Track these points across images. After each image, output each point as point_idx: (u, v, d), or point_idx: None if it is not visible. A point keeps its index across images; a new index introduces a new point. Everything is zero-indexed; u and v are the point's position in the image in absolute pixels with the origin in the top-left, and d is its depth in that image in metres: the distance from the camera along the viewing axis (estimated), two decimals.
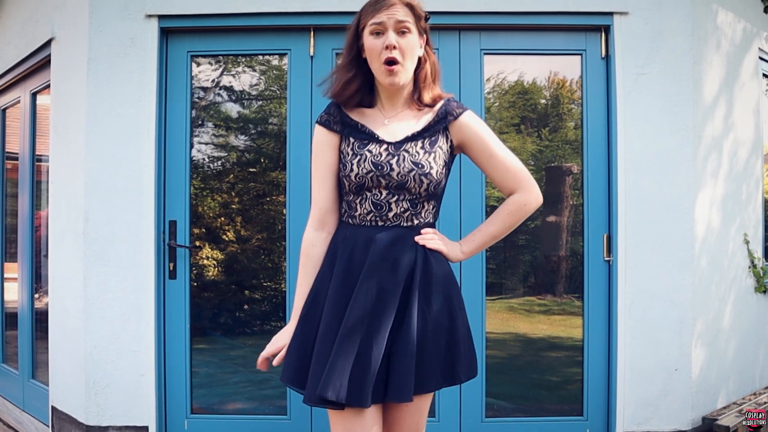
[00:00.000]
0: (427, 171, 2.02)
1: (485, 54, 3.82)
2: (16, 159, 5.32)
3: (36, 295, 4.93)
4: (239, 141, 4.23)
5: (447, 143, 2.09)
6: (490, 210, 3.87)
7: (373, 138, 2.06)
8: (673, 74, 3.70)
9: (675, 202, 3.69)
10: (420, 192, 2.03)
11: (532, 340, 4.22)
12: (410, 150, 2.04)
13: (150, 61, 3.76)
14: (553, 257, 4.14)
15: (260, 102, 4.20)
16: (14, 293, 5.25)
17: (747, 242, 4.25)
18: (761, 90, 4.58)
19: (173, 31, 3.85)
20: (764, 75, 4.64)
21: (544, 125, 4.14)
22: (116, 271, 3.76)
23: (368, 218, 2.05)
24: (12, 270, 5.36)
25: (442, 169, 2.07)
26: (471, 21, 3.76)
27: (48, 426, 4.40)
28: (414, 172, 2.01)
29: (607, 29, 3.77)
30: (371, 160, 2.02)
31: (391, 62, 1.99)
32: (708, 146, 3.86)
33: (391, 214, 2.04)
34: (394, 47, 1.98)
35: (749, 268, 4.29)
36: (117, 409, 3.80)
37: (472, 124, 2.10)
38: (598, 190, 3.80)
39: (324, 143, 2.10)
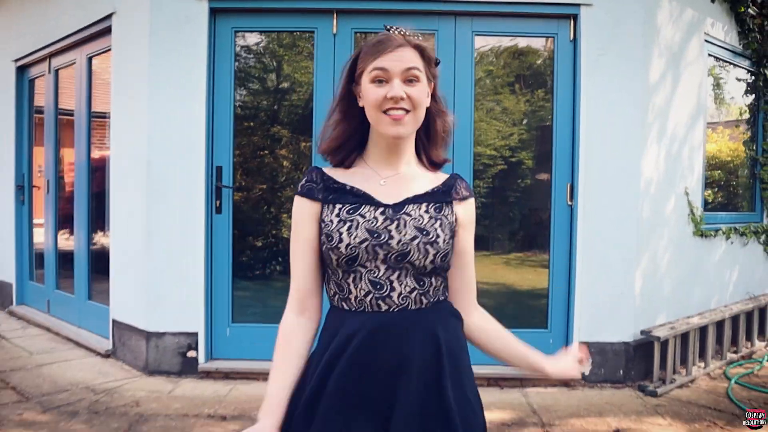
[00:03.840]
0: (433, 239, 1.66)
1: (476, 35, 4.69)
2: (68, 114, 6.16)
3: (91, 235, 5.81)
4: (271, 104, 5.09)
5: (452, 215, 1.75)
6: (480, 167, 4.77)
7: (366, 200, 1.70)
8: (627, 56, 4.57)
9: (624, 160, 4.60)
10: (425, 265, 1.66)
11: (518, 290, 5.14)
12: (413, 213, 1.69)
13: (201, 35, 4.60)
14: (543, 213, 5.00)
15: (290, 71, 5.05)
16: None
17: (687, 194, 5.17)
18: (706, 67, 5.45)
19: (220, 10, 4.67)
20: (710, 54, 5.51)
21: (536, 87, 5.02)
22: (173, 207, 4.64)
23: (367, 301, 1.65)
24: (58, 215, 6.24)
25: (450, 239, 1.70)
26: (465, 8, 4.62)
27: (107, 337, 5.32)
28: (418, 240, 1.65)
29: (575, 17, 4.62)
30: (365, 227, 1.65)
31: (396, 116, 1.66)
32: (654, 115, 4.76)
33: (395, 295, 1.65)
34: (402, 99, 1.65)
35: (689, 216, 5.21)
36: (172, 319, 4.71)
37: (473, 212, 1.83)
38: (564, 148, 4.69)
39: (303, 216, 1.74)
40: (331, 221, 1.68)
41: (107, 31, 5.19)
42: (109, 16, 5.11)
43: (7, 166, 6.87)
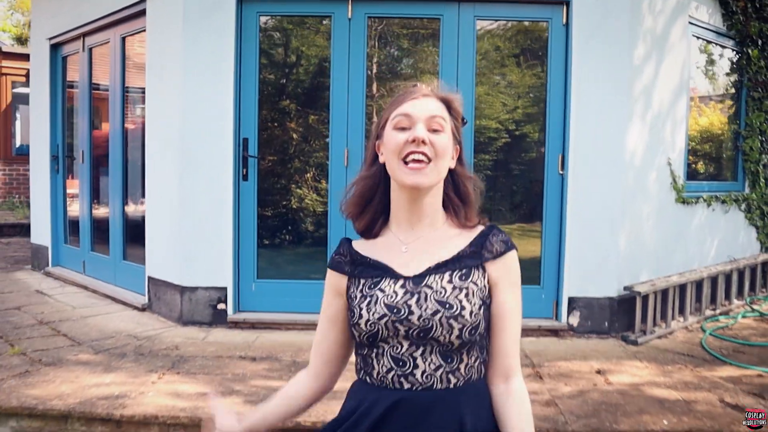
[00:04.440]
0: (457, 312, 1.54)
1: (478, 19, 5.17)
2: (99, 89, 6.69)
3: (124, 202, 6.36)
4: (290, 81, 5.60)
5: (484, 278, 1.62)
6: (485, 140, 5.28)
7: (386, 272, 1.64)
8: (614, 39, 5.06)
9: (610, 133, 5.10)
10: (451, 341, 1.54)
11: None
12: (434, 285, 1.59)
13: (229, 20, 5.09)
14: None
15: (308, 53, 5.55)
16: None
17: (670, 165, 5.67)
18: (690, 48, 5.92)
19: None
20: (694, 36, 5.99)
21: (538, 64, 5.52)
22: (204, 173, 5.17)
23: (389, 377, 1.58)
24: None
25: (479, 310, 1.57)
26: None
27: (142, 293, 5.88)
28: (440, 315, 1.54)
29: (567, 3, 5.10)
30: (384, 302, 1.58)
31: (416, 159, 1.57)
32: (638, 92, 5.25)
33: (418, 373, 1.56)
34: (423, 142, 1.57)
35: (671, 184, 5.72)
36: (203, 275, 5.26)
37: (512, 268, 1.66)
38: (556, 122, 5.18)
39: (329, 289, 1.73)
40: (355, 296, 1.64)
41: (141, 13, 5.68)
42: (143, 0, 5.59)
43: (43, 137, 7.40)
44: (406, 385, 1.57)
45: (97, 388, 3.89)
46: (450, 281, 1.59)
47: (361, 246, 1.72)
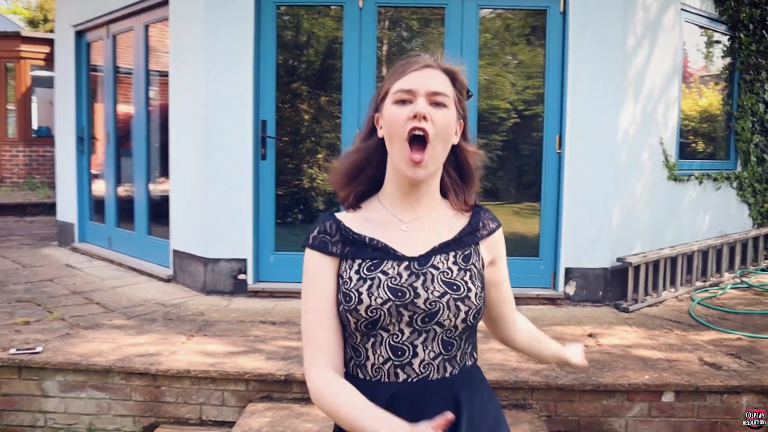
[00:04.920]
0: (464, 294, 1.51)
1: (480, 8, 5.51)
2: (123, 73, 7.08)
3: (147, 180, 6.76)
4: (305, 67, 5.97)
5: (480, 261, 1.61)
6: (496, 120, 5.63)
7: (388, 253, 1.54)
8: (608, 26, 5.40)
9: (604, 114, 5.45)
10: (456, 325, 1.50)
11: (524, 234, 6.04)
12: (440, 266, 1.53)
13: (248, 10, 5.44)
14: None
15: (322, 38, 5.91)
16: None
17: (662, 144, 6.02)
18: (682, 34, 6.25)
19: None
20: (687, 22, 6.31)
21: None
22: (225, 153, 5.55)
23: (385, 369, 1.51)
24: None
25: (482, 293, 1.55)
26: None
27: (167, 265, 6.29)
28: (448, 297, 1.49)
29: None
30: (387, 285, 1.49)
31: (417, 138, 1.49)
32: (632, 76, 5.59)
33: (416, 363, 1.50)
34: (425, 117, 1.48)
35: (663, 162, 6.07)
36: (225, 247, 5.66)
37: (501, 241, 1.68)
38: (554, 104, 5.54)
39: (319, 271, 1.56)
40: (350, 278, 1.52)
41: (164, 3, 6.05)
42: None
43: (68, 119, 7.80)
44: (402, 377, 1.50)
45: (133, 347, 4.31)
46: (455, 262, 1.55)
47: (351, 222, 1.60)
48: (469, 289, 1.52)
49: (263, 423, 3.62)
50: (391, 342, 1.50)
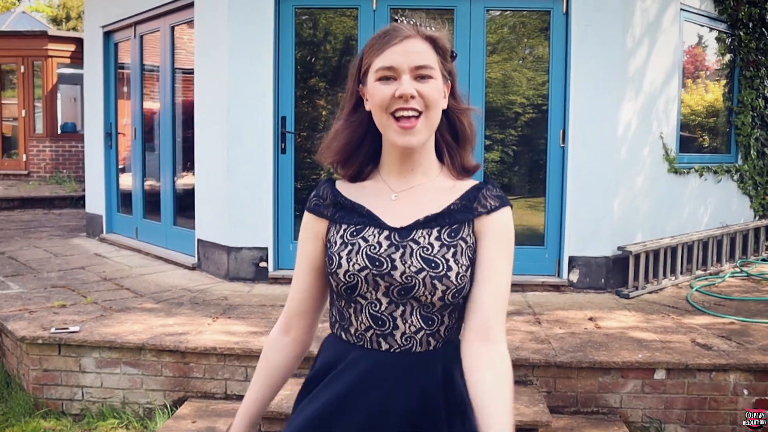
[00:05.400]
0: (443, 272, 1.47)
1: (488, 10, 5.81)
2: (149, 71, 7.43)
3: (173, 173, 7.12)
4: (322, 65, 6.29)
5: (473, 236, 1.54)
6: (512, 115, 5.93)
7: (371, 220, 1.55)
8: (609, 26, 5.68)
9: (605, 110, 5.74)
10: (433, 302, 1.49)
11: (534, 227, 6.34)
12: (420, 240, 1.51)
13: (269, 12, 5.77)
14: None
15: (338, 36, 6.24)
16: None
17: (662, 138, 6.29)
18: (681, 33, 6.51)
19: None
20: (687, 21, 6.57)
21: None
22: (248, 147, 5.89)
23: (367, 336, 1.53)
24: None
25: (466, 272, 1.50)
26: None
27: (192, 254, 6.65)
28: (425, 274, 1.47)
29: None
30: (366, 253, 1.50)
31: (406, 116, 1.48)
32: (632, 73, 5.87)
33: (398, 334, 1.51)
34: (412, 97, 1.47)
35: (663, 156, 6.34)
36: (247, 236, 6.00)
37: (503, 226, 1.56)
38: (558, 100, 5.83)
39: (307, 233, 1.64)
40: (335, 242, 1.55)
41: (190, 5, 6.39)
42: None
43: (97, 116, 8.17)
44: (385, 346, 1.51)
45: (163, 327, 4.65)
46: (438, 237, 1.51)
47: (346, 188, 1.63)
48: (450, 268, 1.47)
49: (283, 396, 3.91)
50: (371, 311, 1.51)
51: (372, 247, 1.51)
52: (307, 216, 1.66)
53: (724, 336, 4.71)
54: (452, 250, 1.50)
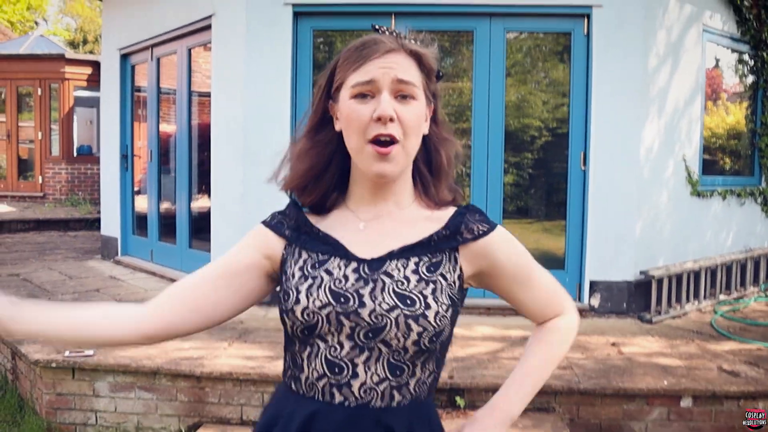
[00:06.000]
0: (419, 311, 1.25)
1: (507, 32, 5.77)
2: (167, 93, 7.43)
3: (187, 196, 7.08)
4: None
5: (455, 272, 1.33)
6: (528, 138, 5.87)
7: (336, 250, 1.34)
8: (630, 46, 5.62)
9: (627, 132, 5.66)
10: (406, 346, 1.26)
11: (551, 251, 6.26)
12: (394, 274, 1.29)
13: (286, 33, 5.76)
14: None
15: None
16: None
17: (685, 160, 6.20)
18: (705, 53, 6.44)
19: (302, 13, 5.83)
20: (709, 42, 6.50)
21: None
22: (264, 169, 5.76)
23: (319, 386, 1.29)
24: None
25: (446, 312, 1.29)
26: (499, 10, 5.69)
27: None
28: (398, 313, 1.25)
29: (588, 16, 5.67)
30: (329, 287, 1.28)
31: (384, 141, 1.28)
32: (654, 94, 5.79)
33: (356, 384, 1.27)
34: (391, 119, 1.27)
35: (686, 178, 6.24)
36: None
37: (504, 245, 1.38)
38: (579, 122, 5.75)
39: (255, 243, 1.44)
40: (293, 275, 1.34)
41: (207, 28, 6.39)
42: (209, 17, 6.30)
43: (113, 138, 8.17)
44: (338, 398, 1.28)
45: (178, 351, 4.58)
46: (415, 271, 1.30)
47: (312, 217, 1.43)
48: (428, 306, 1.26)
49: None
50: (328, 355, 1.28)
51: (337, 281, 1.29)
52: (262, 230, 1.44)
53: (752, 362, 4.59)
54: (431, 286, 1.29)
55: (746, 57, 7.10)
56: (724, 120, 7.20)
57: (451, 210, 1.41)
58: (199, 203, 7.08)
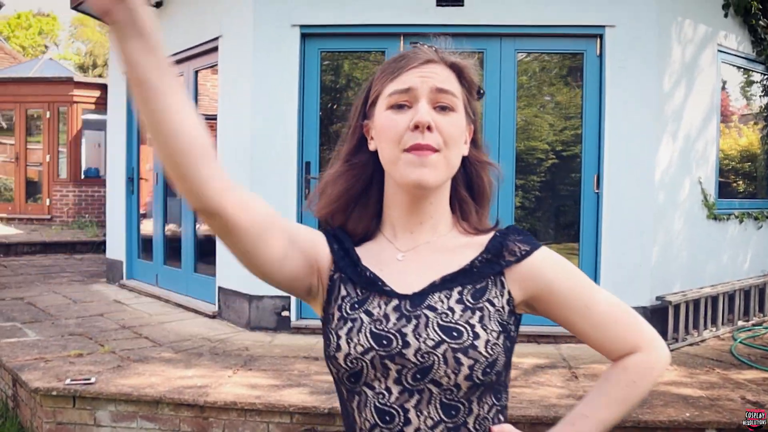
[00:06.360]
0: (468, 343, 1.15)
1: (518, 52, 5.67)
2: None
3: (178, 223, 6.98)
4: (343, 112, 6.17)
5: (503, 297, 1.23)
6: (534, 161, 5.75)
7: (374, 287, 1.23)
8: (644, 67, 5.50)
9: (641, 154, 5.53)
10: (458, 383, 1.15)
11: None
12: (438, 307, 1.19)
13: (293, 55, 5.68)
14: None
15: (362, 84, 6.12)
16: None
17: (700, 183, 6.06)
18: (719, 74, 6.33)
19: (309, 35, 5.75)
20: (723, 62, 6.39)
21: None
22: (271, 193, 5.73)
23: None
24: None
25: (497, 339, 1.18)
26: (509, 30, 5.60)
27: (212, 302, 6.47)
28: (444, 348, 1.14)
29: (601, 36, 5.56)
30: (370, 330, 1.18)
31: (420, 148, 1.18)
32: (668, 116, 5.68)
33: (410, 431, 1.16)
34: (429, 128, 1.17)
35: (702, 201, 6.10)
36: (269, 285, 5.79)
37: (550, 266, 1.26)
38: (592, 144, 5.64)
39: (312, 240, 1.28)
40: (332, 315, 1.24)
41: (214, 50, 6.32)
42: (216, 38, 6.24)
43: (119, 160, 8.10)
44: None
45: (182, 379, 4.45)
46: (460, 300, 1.20)
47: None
48: (476, 335, 1.15)
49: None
50: (377, 403, 1.17)
51: (377, 322, 1.19)
52: (320, 235, 1.30)
53: None
54: (478, 313, 1.18)
55: (759, 77, 6.99)
56: (737, 142, 7.07)
57: (489, 234, 1.31)
58: (206, 227, 6.96)
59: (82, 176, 13.72)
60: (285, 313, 5.78)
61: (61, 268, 9.92)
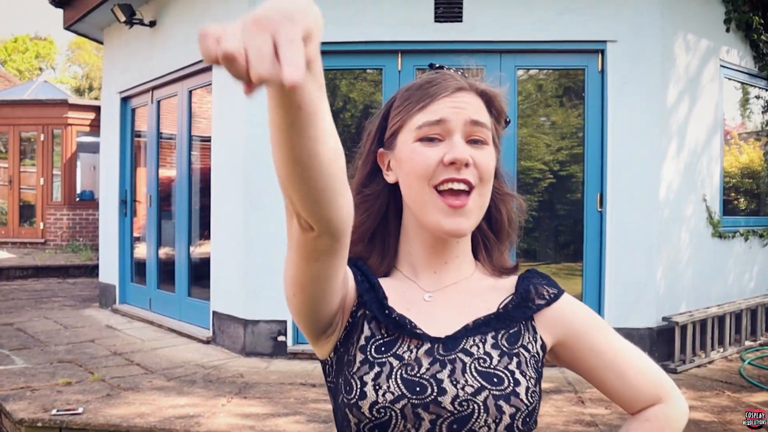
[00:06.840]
0: (510, 389, 1.05)
1: (518, 69, 5.56)
2: (168, 138, 7.23)
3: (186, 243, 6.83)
4: (340, 131, 6.05)
5: (537, 342, 1.14)
6: (530, 181, 5.62)
7: (403, 329, 1.09)
8: (647, 83, 5.39)
9: (645, 171, 5.40)
10: None
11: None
12: (474, 352, 1.08)
13: None
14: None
15: (358, 100, 6.00)
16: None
17: (705, 200, 5.94)
18: (722, 89, 6.22)
19: None
20: (726, 78, 6.28)
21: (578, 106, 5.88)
22: (266, 214, 5.60)
23: None
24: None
25: (536, 387, 1.09)
26: (510, 47, 5.50)
27: (206, 327, 6.30)
28: (485, 395, 1.03)
29: (602, 52, 5.46)
30: (401, 376, 1.04)
31: (456, 191, 1.08)
32: (672, 132, 5.56)
33: None
34: (467, 164, 1.08)
35: (707, 219, 5.97)
36: (265, 308, 5.65)
37: (577, 310, 1.19)
38: (594, 162, 5.51)
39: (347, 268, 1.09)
40: (353, 357, 1.08)
41: (207, 69, 6.21)
42: None
43: (112, 183, 7.96)
44: None
45: (173, 409, 4.28)
46: (496, 345, 1.10)
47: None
48: (516, 382, 1.05)
49: None
50: None
51: (409, 368, 1.05)
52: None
53: None
54: (515, 359, 1.08)
55: (762, 92, 6.89)
56: (737, 159, 6.96)
57: (514, 277, 1.21)
58: (200, 249, 6.82)
59: (77, 199, 13.56)
60: (281, 338, 5.62)
61: (53, 292, 9.74)
